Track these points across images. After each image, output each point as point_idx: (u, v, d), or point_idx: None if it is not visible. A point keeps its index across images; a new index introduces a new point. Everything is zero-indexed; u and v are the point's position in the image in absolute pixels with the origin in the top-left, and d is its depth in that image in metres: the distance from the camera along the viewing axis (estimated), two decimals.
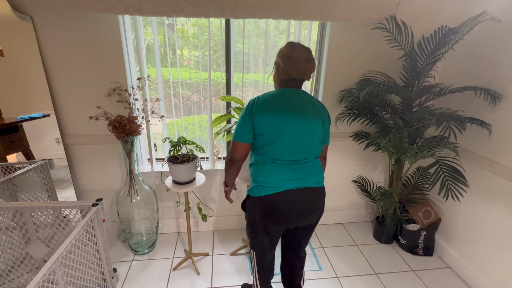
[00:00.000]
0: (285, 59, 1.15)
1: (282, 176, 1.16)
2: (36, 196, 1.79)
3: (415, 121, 1.87)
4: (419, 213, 2.09)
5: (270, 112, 1.12)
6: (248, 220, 1.29)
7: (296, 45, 1.17)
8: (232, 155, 1.22)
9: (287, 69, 1.15)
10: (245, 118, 1.15)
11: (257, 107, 1.13)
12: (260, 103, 1.14)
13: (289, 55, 1.15)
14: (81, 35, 1.70)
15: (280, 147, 1.15)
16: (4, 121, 1.77)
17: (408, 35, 1.75)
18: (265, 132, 1.14)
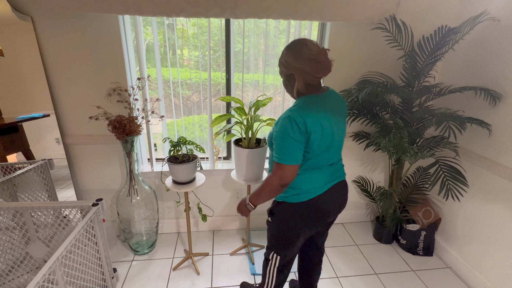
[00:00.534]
0: (311, 63, 1.04)
1: (325, 178, 1.18)
2: (36, 196, 1.79)
3: (415, 121, 1.87)
4: (419, 213, 2.09)
5: (321, 124, 1.06)
6: (277, 225, 1.25)
7: (309, 43, 1.07)
8: (285, 180, 1.08)
9: (315, 72, 1.06)
10: (297, 139, 1.04)
11: (309, 124, 1.03)
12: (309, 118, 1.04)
13: (313, 57, 1.04)
14: (81, 35, 1.70)
15: (327, 153, 1.14)
16: (4, 121, 1.77)
17: (408, 35, 1.75)
18: (316, 144, 1.08)
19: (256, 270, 1.91)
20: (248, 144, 1.74)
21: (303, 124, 1.03)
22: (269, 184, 1.12)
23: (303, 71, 1.06)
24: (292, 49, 1.08)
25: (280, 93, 2.11)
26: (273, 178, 1.10)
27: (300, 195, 1.15)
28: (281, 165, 1.07)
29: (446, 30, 1.69)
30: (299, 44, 1.07)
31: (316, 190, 1.16)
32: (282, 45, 2.03)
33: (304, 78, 1.07)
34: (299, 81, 1.08)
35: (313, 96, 1.11)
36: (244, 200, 1.26)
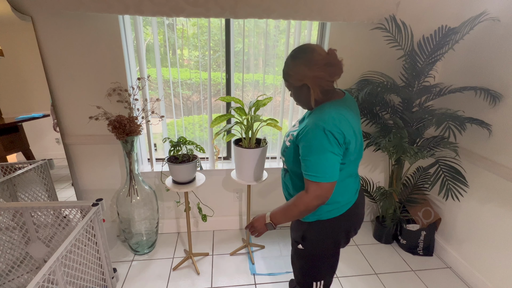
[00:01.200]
0: (326, 67, 0.97)
1: (356, 185, 1.13)
2: (36, 196, 1.79)
3: (415, 121, 1.87)
4: (419, 213, 2.09)
5: (354, 131, 0.99)
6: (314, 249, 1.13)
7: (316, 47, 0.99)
8: (324, 199, 0.97)
9: (331, 76, 0.98)
10: (336, 152, 0.94)
11: (347, 134, 0.94)
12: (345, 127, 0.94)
13: (326, 61, 0.96)
14: (81, 35, 1.70)
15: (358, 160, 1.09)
16: (4, 121, 1.77)
17: (408, 35, 1.75)
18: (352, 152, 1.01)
19: (256, 270, 1.91)
20: (248, 144, 1.74)
21: (341, 135, 0.93)
22: (304, 204, 0.98)
23: (318, 77, 0.97)
24: (301, 58, 0.99)
25: (280, 93, 2.11)
26: (309, 198, 0.96)
27: (338, 209, 1.07)
28: (319, 183, 0.95)
29: (446, 30, 1.69)
30: (307, 51, 0.98)
31: (351, 199, 1.10)
32: (282, 45, 2.03)
33: (320, 85, 0.99)
34: (314, 90, 0.99)
35: (337, 101, 1.02)
36: (263, 218, 1.10)
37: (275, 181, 2.27)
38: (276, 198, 2.33)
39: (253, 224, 1.12)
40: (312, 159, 0.95)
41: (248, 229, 1.16)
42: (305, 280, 1.21)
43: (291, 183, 1.15)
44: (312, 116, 1.00)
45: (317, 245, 1.12)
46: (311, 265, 1.17)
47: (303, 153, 0.98)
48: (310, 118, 1.01)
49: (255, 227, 1.12)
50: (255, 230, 1.12)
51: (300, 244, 1.14)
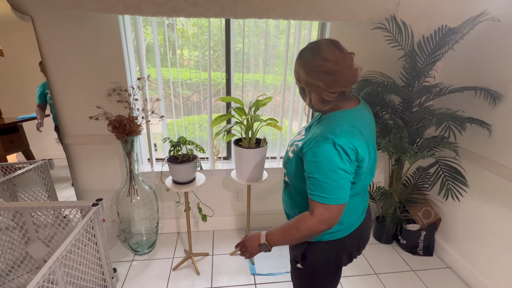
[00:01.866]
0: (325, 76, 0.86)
1: (364, 205, 1.03)
2: (36, 196, 1.79)
3: (415, 121, 1.87)
4: (419, 213, 2.09)
5: (368, 147, 0.87)
6: (314, 270, 1.04)
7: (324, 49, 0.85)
8: (331, 223, 0.84)
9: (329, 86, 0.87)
10: (348, 170, 0.82)
11: (360, 150, 0.82)
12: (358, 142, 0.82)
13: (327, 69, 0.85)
14: (81, 35, 1.70)
15: (370, 177, 0.97)
16: (4, 121, 1.77)
17: (408, 35, 1.75)
18: (364, 170, 0.89)
19: (256, 270, 1.91)
20: (248, 144, 1.74)
21: (353, 151, 0.81)
22: (308, 228, 0.84)
23: (314, 85, 0.86)
24: (303, 57, 0.87)
25: (280, 93, 2.11)
26: (314, 222, 0.83)
27: (341, 230, 0.97)
28: (327, 205, 0.82)
29: (446, 30, 1.69)
30: (311, 51, 0.86)
31: (357, 220, 1.00)
32: (282, 45, 2.03)
33: (318, 94, 0.87)
34: (312, 97, 0.89)
35: (349, 111, 0.89)
36: (257, 237, 0.94)
37: (275, 181, 2.27)
38: (277, 198, 2.33)
39: (245, 244, 0.97)
40: (319, 177, 0.82)
41: (238, 248, 1.01)
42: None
43: (291, 199, 1.04)
44: (321, 126, 0.88)
45: (317, 266, 1.03)
46: (309, 285, 1.09)
47: (309, 170, 0.84)
48: (317, 127, 0.89)
49: (247, 247, 0.97)
50: (246, 251, 0.97)
51: (299, 263, 1.05)
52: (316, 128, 0.91)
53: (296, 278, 1.13)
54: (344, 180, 0.82)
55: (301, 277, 1.10)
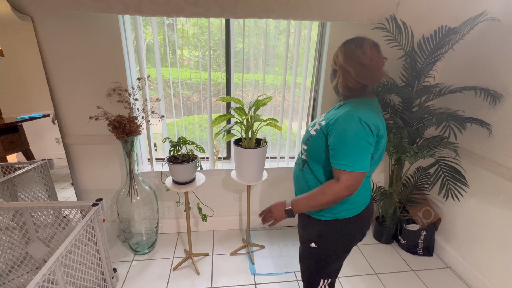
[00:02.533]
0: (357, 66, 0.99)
1: (371, 187, 1.14)
2: (36, 196, 1.79)
3: (415, 121, 1.87)
4: (419, 213, 2.09)
5: (385, 130, 1.01)
6: (328, 247, 1.11)
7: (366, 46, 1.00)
8: (353, 190, 0.96)
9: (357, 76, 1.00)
10: (371, 142, 0.94)
11: (381, 128, 0.96)
12: (380, 121, 0.97)
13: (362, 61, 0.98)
14: (81, 35, 1.70)
15: (378, 161, 1.06)
16: (4, 121, 1.77)
17: (408, 35, 1.75)
18: (379, 150, 1.01)
19: (256, 270, 1.91)
20: (248, 144, 1.74)
21: (376, 127, 0.94)
22: (334, 194, 0.96)
23: (346, 71, 0.99)
24: (347, 46, 1.02)
25: (280, 93, 2.11)
26: (340, 188, 0.95)
27: (355, 208, 1.07)
28: (351, 172, 0.93)
29: (446, 30, 1.69)
30: (355, 43, 1.01)
31: (367, 200, 1.10)
32: (282, 45, 2.03)
33: (346, 79, 1.00)
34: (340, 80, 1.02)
35: (369, 100, 1.03)
36: (282, 204, 1.05)
37: (276, 181, 2.27)
38: (277, 198, 2.33)
39: (271, 210, 1.06)
40: (346, 148, 0.94)
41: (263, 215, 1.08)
42: (313, 278, 1.20)
43: (305, 176, 1.11)
44: (345, 108, 1.00)
45: (332, 244, 1.11)
46: (322, 263, 1.15)
47: (335, 143, 0.96)
48: (341, 109, 1.01)
49: (273, 213, 1.05)
50: (272, 216, 1.06)
51: (313, 242, 1.12)
52: (339, 110, 1.03)
53: (308, 257, 1.18)
54: (366, 151, 0.94)
55: (314, 256, 1.15)
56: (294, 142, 2.30)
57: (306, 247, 1.16)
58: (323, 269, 1.16)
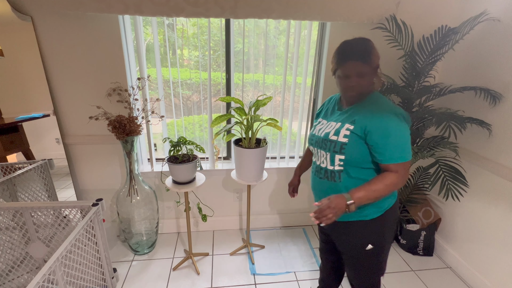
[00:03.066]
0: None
1: None
2: (36, 196, 1.79)
3: (415, 121, 1.87)
4: (419, 213, 2.09)
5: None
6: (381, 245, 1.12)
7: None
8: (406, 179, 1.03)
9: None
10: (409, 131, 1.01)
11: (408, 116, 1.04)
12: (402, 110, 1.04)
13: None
14: (81, 35, 1.70)
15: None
16: (4, 121, 1.77)
17: (408, 35, 1.75)
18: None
19: (256, 270, 1.91)
20: (248, 144, 1.74)
21: (408, 115, 1.03)
22: (394, 185, 0.99)
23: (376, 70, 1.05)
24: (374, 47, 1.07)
25: (280, 93, 2.11)
26: (399, 179, 0.99)
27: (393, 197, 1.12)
28: (404, 163, 0.99)
29: (446, 30, 1.69)
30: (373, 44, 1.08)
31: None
32: (282, 45, 2.03)
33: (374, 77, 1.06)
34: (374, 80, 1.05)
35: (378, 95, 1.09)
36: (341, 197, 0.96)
37: (276, 181, 2.27)
38: (277, 198, 2.33)
39: (330, 205, 0.94)
40: (395, 142, 0.97)
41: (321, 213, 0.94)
42: (374, 280, 1.21)
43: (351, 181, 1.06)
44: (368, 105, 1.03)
45: (388, 238, 1.13)
46: (380, 261, 1.16)
47: (382, 140, 0.97)
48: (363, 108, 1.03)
49: (334, 208, 0.93)
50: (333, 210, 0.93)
51: (369, 244, 1.11)
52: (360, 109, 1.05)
53: (367, 261, 1.16)
54: (408, 140, 0.99)
55: (373, 257, 1.14)
56: (294, 142, 2.30)
57: (361, 252, 1.12)
58: (382, 266, 1.18)
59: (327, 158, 1.08)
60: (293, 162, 2.29)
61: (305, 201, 2.38)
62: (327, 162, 1.09)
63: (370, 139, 0.99)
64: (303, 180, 1.56)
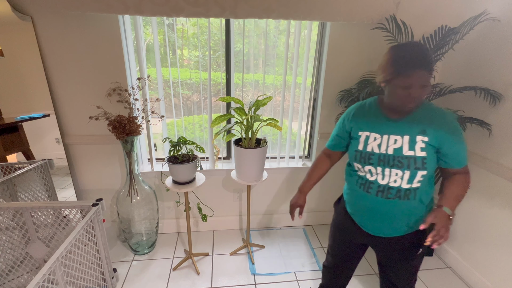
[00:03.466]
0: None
1: None
2: (36, 196, 1.79)
3: None
4: None
5: None
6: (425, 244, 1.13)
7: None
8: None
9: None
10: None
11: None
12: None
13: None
14: (81, 35, 1.70)
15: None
16: (4, 121, 1.77)
17: (408, 35, 1.74)
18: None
19: (256, 270, 1.91)
20: (248, 144, 1.74)
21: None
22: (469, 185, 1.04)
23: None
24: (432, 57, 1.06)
25: (280, 93, 2.11)
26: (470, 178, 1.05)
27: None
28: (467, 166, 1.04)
29: (446, 30, 1.69)
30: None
31: None
32: (282, 45, 2.03)
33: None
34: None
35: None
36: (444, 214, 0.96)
37: (276, 181, 2.27)
38: (277, 198, 2.33)
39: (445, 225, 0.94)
40: (463, 145, 1.00)
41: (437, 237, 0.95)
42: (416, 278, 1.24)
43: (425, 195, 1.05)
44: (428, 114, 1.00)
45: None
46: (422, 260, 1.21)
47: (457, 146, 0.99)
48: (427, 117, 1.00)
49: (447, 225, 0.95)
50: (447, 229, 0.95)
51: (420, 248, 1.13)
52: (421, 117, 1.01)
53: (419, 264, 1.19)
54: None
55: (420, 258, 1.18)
56: (294, 142, 2.30)
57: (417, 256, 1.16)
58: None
59: (403, 176, 1.00)
60: (293, 162, 2.29)
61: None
62: (403, 180, 1.01)
63: (446, 147, 0.98)
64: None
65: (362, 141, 1.08)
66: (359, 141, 1.08)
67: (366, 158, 1.06)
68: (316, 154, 2.22)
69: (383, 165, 1.02)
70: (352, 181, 1.15)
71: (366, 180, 1.09)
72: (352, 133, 1.13)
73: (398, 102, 0.98)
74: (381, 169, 1.03)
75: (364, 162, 1.06)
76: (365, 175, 1.09)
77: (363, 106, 1.14)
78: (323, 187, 2.35)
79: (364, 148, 1.06)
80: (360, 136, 1.09)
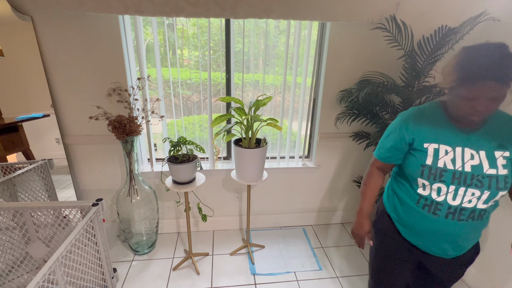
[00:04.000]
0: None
1: None
2: (36, 196, 1.79)
3: None
4: None
5: None
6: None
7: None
8: None
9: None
10: None
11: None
12: None
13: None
14: (81, 35, 1.70)
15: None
16: (4, 121, 1.77)
17: (408, 35, 1.75)
18: None
19: (256, 270, 1.91)
20: (248, 144, 1.74)
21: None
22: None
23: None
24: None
25: (280, 93, 2.11)
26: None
27: None
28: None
29: (446, 30, 1.69)
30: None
31: None
32: (282, 45, 2.03)
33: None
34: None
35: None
36: None
37: (275, 181, 2.27)
38: (276, 198, 2.33)
39: None
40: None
41: None
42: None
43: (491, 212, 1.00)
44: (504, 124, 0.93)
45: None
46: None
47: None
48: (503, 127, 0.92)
49: None
50: None
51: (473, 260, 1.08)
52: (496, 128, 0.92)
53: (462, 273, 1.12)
54: None
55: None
56: (294, 142, 2.30)
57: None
58: None
59: (481, 197, 0.88)
60: (293, 162, 2.29)
61: (304, 201, 2.38)
62: (479, 201, 0.89)
63: None
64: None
65: (431, 155, 0.92)
66: (427, 155, 0.93)
67: (437, 175, 0.90)
68: (316, 154, 2.22)
69: (458, 184, 0.88)
70: (410, 201, 1.00)
71: (432, 201, 0.93)
72: (414, 144, 0.97)
73: (459, 113, 0.87)
74: (454, 188, 0.89)
75: (434, 179, 0.91)
76: (429, 194, 0.94)
77: (422, 112, 0.98)
78: (323, 187, 2.35)
79: (434, 163, 0.91)
80: (427, 148, 0.93)
